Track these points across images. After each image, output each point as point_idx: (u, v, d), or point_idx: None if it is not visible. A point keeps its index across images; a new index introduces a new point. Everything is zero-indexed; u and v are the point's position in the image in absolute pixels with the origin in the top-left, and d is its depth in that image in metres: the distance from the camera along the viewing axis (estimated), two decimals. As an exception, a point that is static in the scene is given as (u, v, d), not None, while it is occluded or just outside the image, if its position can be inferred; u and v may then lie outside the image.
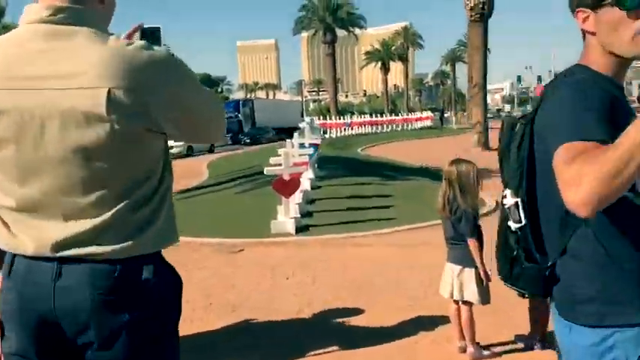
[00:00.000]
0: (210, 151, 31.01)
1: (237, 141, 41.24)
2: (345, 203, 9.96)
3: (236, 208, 10.21)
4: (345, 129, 39.30)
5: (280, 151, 9.38)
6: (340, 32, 47.87)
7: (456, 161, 3.78)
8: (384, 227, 8.30)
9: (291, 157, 8.84)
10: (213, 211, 10.03)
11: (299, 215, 8.62)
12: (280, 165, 8.39)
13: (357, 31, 49.40)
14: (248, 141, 40.64)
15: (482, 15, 23.20)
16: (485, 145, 24.00)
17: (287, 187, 8.16)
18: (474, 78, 24.19)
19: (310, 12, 45.99)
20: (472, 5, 23.18)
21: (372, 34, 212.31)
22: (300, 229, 8.25)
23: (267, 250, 7.42)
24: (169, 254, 1.49)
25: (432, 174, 15.08)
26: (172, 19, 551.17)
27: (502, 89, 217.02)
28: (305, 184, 10.60)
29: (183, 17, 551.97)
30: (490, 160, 14.47)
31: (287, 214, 8.39)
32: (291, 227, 8.18)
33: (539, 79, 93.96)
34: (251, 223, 8.85)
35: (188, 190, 13.76)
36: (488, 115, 26.13)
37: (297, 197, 9.08)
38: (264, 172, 8.24)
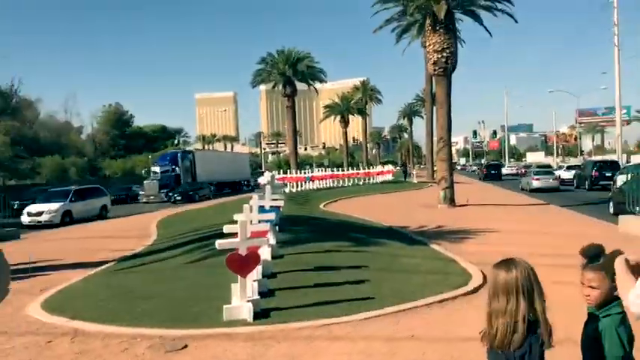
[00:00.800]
0: (101, 217, 26.78)
1: (172, 199, 38.42)
2: (313, 277, 8.57)
3: (183, 284, 8.65)
4: (305, 182, 38.19)
5: (237, 216, 8.01)
6: (300, 85, 47.53)
7: (506, 264, 2.54)
8: (362, 310, 6.91)
9: (249, 226, 7.43)
10: (155, 289, 8.43)
11: (257, 296, 7.15)
12: (235, 237, 6.96)
13: (317, 84, 49.16)
14: (179, 199, 37.91)
15: (445, 69, 22.91)
16: (452, 200, 23.23)
17: (244, 264, 6.73)
18: (439, 132, 23.65)
19: (270, 65, 45.52)
20: (435, 60, 22.88)
21: (330, 88, 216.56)
22: (259, 315, 6.78)
23: (216, 349, 5.88)
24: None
25: (402, 235, 14.05)
26: (127, 69, 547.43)
27: (456, 143, 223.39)
28: (265, 252, 9.20)
29: (139, 68, 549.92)
30: (457, 216, 13.55)
31: (243, 295, 6.91)
32: (247, 313, 6.70)
33: (495, 133, 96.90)
34: (200, 304, 7.35)
35: (131, 257, 12.15)
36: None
37: (256, 272, 7.64)
38: (216, 246, 6.80)
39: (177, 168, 43.21)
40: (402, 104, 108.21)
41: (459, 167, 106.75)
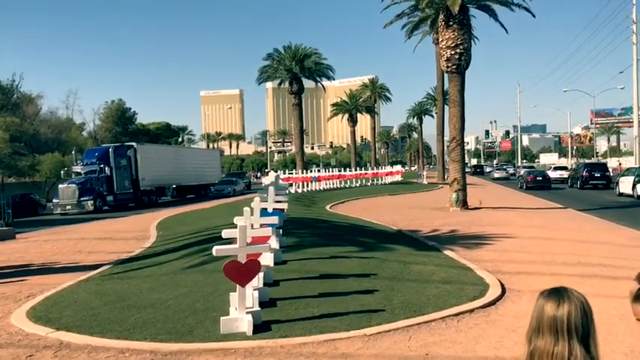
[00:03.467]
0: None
1: (99, 208, 31.70)
2: (317, 286, 8.18)
3: (180, 291, 8.27)
4: (311, 183, 37.87)
5: (237, 220, 7.62)
6: (307, 83, 47.17)
7: (556, 296, 2.09)
8: (372, 324, 6.51)
9: (249, 231, 7.04)
10: (150, 297, 8.06)
11: (257, 307, 6.77)
12: (234, 242, 6.57)
13: (325, 82, 48.78)
14: (91, 207, 31.11)
15: (458, 66, 22.44)
16: (464, 203, 22.78)
17: (243, 272, 6.34)
18: (451, 132, 23.17)
19: (276, 61, 45.17)
20: (448, 56, 22.42)
21: (338, 86, 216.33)
22: (259, 328, 6.39)
23: (212, 366, 5.49)
24: None
25: (412, 240, 13.68)
26: (132, 65, 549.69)
27: (467, 143, 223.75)
28: (267, 258, 8.84)
29: (144, 64, 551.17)
30: (471, 220, 13.10)
31: (242, 305, 6.52)
32: (246, 326, 6.31)
33: (507, 134, 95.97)
34: (196, 315, 6.99)
35: (127, 260, 11.82)
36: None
37: (256, 280, 7.27)
38: (213, 253, 6.41)
39: (107, 168, 33.64)
40: (412, 103, 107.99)
41: (468, 169, 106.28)
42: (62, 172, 38.09)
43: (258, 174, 79.59)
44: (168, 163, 39.51)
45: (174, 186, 41.36)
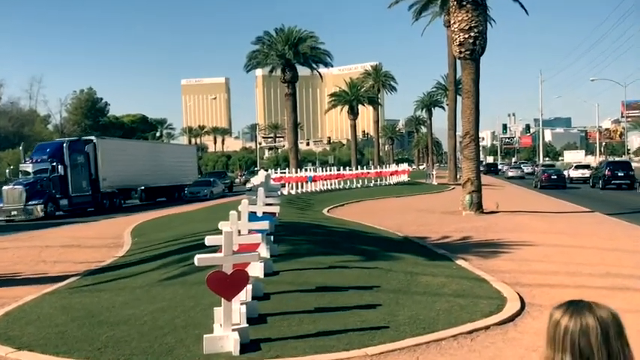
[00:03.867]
0: None
1: (50, 214, 30.45)
2: (313, 300, 8.20)
3: (157, 306, 8.27)
4: (306, 183, 37.90)
5: (222, 225, 7.63)
6: (302, 70, 47.23)
7: (577, 310, 2.02)
8: (374, 342, 6.52)
9: (236, 238, 7.04)
10: (124, 312, 8.05)
11: (245, 324, 6.77)
12: (219, 250, 6.57)
13: (322, 69, 48.82)
14: (41, 213, 29.80)
15: (472, 52, 22.47)
16: (479, 206, 22.83)
17: (229, 284, 6.34)
18: (464, 126, 23.20)
19: (267, 46, 45.20)
20: (461, 40, 22.46)
21: (337, 75, 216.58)
22: (247, 347, 6.39)
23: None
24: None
25: (420, 248, 13.72)
26: (105, 50, 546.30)
27: (482, 138, 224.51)
28: (256, 268, 8.85)
29: (117, 48, 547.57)
30: (486, 226, 13.14)
31: (228, 322, 6.53)
32: (232, 345, 6.31)
33: (527, 128, 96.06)
34: (176, 333, 7.00)
35: (98, 271, 11.81)
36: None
37: (243, 293, 7.28)
38: (195, 263, 6.41)
39: (60, 166, 31.89)
40: (421, 93, 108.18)
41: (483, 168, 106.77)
42: (7, 171, 34.85)
43: (245, 173, 78.83)
44: (135, 161, 38.42)
45: (142, 187, 40.50)
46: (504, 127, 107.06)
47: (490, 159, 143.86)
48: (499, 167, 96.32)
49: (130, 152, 39.13)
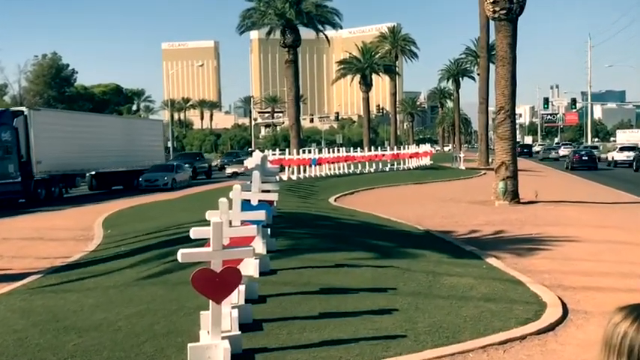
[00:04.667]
0: None
1: None
2: (317, 304, 8.27)
3: (134, 309, 8.34)
4: (310, 167, 37.97)
5: (209, 215, 7.65)
6: (305, 33, 47.12)
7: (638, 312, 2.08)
8: (389, 354, 6.60)
9: (226, 229, 7.08)
10: (95, 317, 8.13)
11: (237, 331, 6.84)
12: (207, 244, 6.61)
13: (330, 31, 48.73)
14: None
15: (509, 11, 22.37)
16: (515, 195, 22.84)
17: (218, 284, 6.37)
18: (498, 100, 23.19)
19: (264, 3, 45.12)
20: (495, -3, 22.35)
21: (347, 38, 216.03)
22: (239, 359, 6.46)
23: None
24: None
25: (444, 243, 13.79)
26: (71, 6, 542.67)
27: (520, 115, 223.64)
28: (250, 266, 8.92)
29: (85, 9, 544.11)
30: (523, 218, 13.19)
31: (216, 328, 6.58)
32: (222, 355, 6.36)
33: (573, 103, 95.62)
34: (156, 340, 7.08)
35: (64, 268, 11.90)
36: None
37: (235, 295, 7.34)
38: (179, 259, 6.45)
39: None
40: (446, 61, 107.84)
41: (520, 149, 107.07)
42: None
43: (223, 156, 73.76)
44: (81, 139, 36.05)
45: (92, 173, 39.06)
46: (546, 101, 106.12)
47: (528, 139, 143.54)
48: (533, 148, 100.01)
49: (74, 128, 36.41)
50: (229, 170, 50.45)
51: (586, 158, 52.32)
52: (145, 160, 42.76)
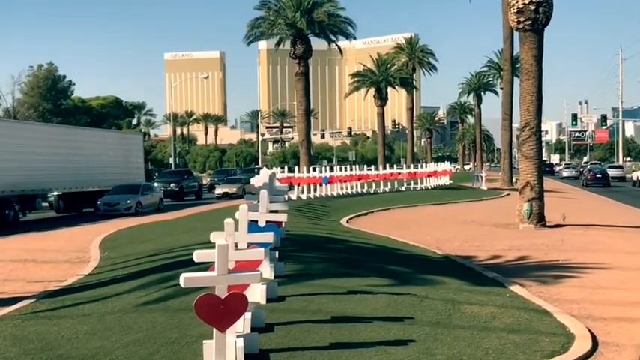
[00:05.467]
0: None
1: None
2: (328, 333, 8.24)
3: (132, 337, 8.34)
4: (321, 186, 37.99)
5: (214, 236, 7.67)
6: (316, 43, 47.33)
7: None
8: (403, 389, 6.55)
9: (232, 252, 7.09)
10: (90, 346, 8.14)
11: (243, 362, 6.83)
12: (210, 268, 6.63)
13: (342, 41, 48.91)
14: None
15: (534, 22, 22.41)
16: (540, 218, 22.76)
17: (222, 311, 6.39)
18: (523, 115, 23.17)
19: (273, 12, 45.36)
20: (520, 7, 22.40)
21: (362, 49, 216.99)
22: (245, 392, 6.45)
23: None
24: None
25: (465, 269, 13.76)
26: (68, 14, 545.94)
27: (546, 132, 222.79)
28: (256, 292, 8.91)
29: (84, 17, 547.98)
30: (549, 242, 13.13)
31: (221, 359, 6.58)
32: (227, 389, 6.37)
33: (604, 119, 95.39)
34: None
35: (58, 292, 11.94)
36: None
37: (240, 323, 7.34)
38: (181, 283, 6.47)
39: None
40: (467, 74, 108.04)
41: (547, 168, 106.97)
42: None
43: (238, 171, 71.48)
44: (43, 155, 33.48)
45: (58, 193, 36.86)
46: (574, 117, 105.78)
47: (555, 158, 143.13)
48: (555, 167, 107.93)
49: (34, 142, 33.32)
50: (219, 190, 48.48)
51: (599, 176, 63.89)
52: (121, 177, 40.04)
